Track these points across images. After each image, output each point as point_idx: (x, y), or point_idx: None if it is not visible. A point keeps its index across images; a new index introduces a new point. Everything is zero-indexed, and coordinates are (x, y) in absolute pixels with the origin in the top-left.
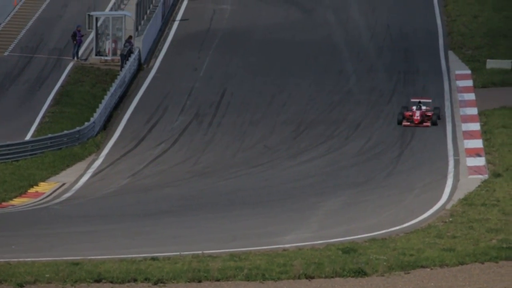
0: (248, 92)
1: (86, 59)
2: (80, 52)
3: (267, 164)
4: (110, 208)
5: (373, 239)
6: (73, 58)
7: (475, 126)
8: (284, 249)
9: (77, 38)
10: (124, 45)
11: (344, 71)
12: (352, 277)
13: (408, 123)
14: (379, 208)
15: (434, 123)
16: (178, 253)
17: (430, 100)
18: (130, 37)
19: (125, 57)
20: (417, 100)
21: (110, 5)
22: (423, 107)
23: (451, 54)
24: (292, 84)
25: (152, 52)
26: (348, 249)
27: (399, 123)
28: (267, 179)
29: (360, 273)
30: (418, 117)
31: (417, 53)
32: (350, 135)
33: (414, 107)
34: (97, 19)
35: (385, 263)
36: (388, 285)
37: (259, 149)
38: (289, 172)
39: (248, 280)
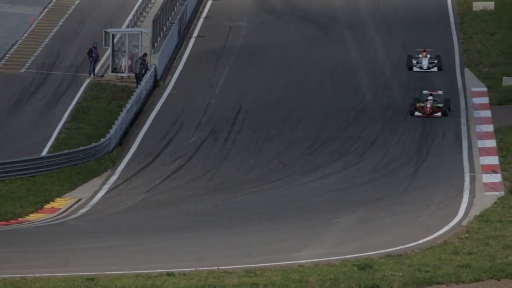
0: (263, 109)
1: (102, 76)
2: (96, 69)
3: (282, 180)
4: (126, 223)
5: (388, 255)
6: (90, 74)
7: (491, 143)
8: (300, 265)
9: (93, 55)
10: (137, 62)
11: (359, 88)
12: None
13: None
14: (395, 224)
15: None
16: (193, 268)
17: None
18: (145, 54)
19: (139, 76)
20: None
21: (127, 22)
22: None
23: (467, 71)
24: (307, 101)
25: (168, 69)
26: (364, 265)
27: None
28: (282, 195)
29: None
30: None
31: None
32: (365, 152)
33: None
34: (113, 36)
35: (400, 279)
36: None
37: (275, 165)
38: (304, 188)
39: None
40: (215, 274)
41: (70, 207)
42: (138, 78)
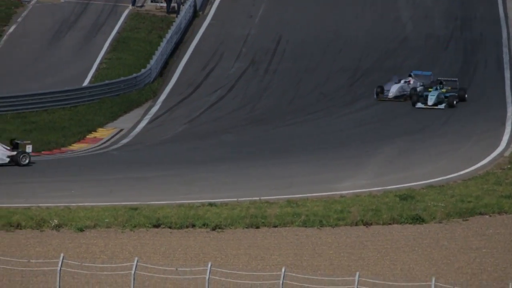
0: (303, 39)
1: (142, 6)
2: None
3: (323, 111)
4: (167, 154)
5: (430, 186)
6: (132, 5)
7: None
8: (341, 196)
9: None
10: None
11: (399, 18)
12: (410, 223)
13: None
14: (436, 155)
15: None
16: (235, 199)
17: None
18: None
19: (169, 3)
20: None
21: None
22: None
23: (509, 1)
24: (347, 31)
25: None
26: (406, 196)
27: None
28: (323, 126)
29: (417, 220)
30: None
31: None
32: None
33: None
34: None
35: (443, 210)
36: (446, 232)
37: (315, 96)
38: (345, 119)
39: (306, 226)
40: (257, 204)
41: (112, 137)
42: (168, 6)
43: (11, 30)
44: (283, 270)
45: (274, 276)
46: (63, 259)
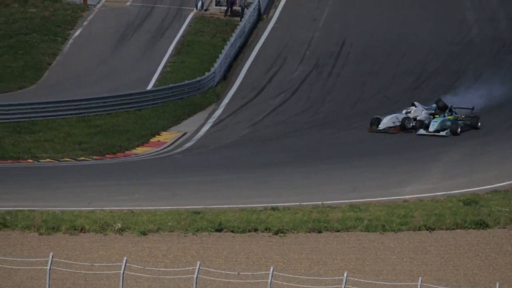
0: (367, 42)
1: (206, 9)
2: (199, 4)
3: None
4: (230, 158)
5: (495, 191)
6: (196, 9)
7: None
8: (405, 200)
9: None
10: None
11: (465, 21)
12: (474, 229)
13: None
14: (501, 159)
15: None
16: (298, 203)
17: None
18: None
19: (230, 5)
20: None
21: None
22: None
23: None
24: (412, 34)
25: (272, 2)
26: (470, 201)
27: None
28: None
29: (481, 225)
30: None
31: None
32: (471, 86)
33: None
34: None
35: (507, 215)
36: (510, 237)
37: (379, 100)
38: None
39: (368, 231)
40: (320, 208)
41: (176, 140)
42: (227, 8)
43: (77, 33)
44: (345, 275)
45: (336, 281)
46: (126, 262)
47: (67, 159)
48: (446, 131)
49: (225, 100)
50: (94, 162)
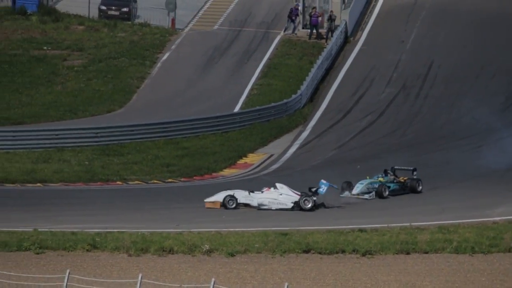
0: (455, 64)
1: (294, 33)
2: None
3: (475, 136)
4: (317, 179)
5: None
6: (292, 32)
7: None
8: (494, 222)
9: (293, 14)
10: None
11: None
12: None
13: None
14: None
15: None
16: (385, 225)
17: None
18: (314, 8)
19: (312, 28)
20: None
21: None
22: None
23: None
24: (500, 56)
25: (359, 25)
26: None
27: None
28: (475, 151)
29: None
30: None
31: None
32: None
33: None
34: None
35: None
36: None
37: (467, 121)
38: (499, 144)
39: (457, 253)
40: (408, 230)
41: (263, 162)
42: (311, 32)
43: (165, 57)
44: None
45: None
46: (214, 283)
47: (155, 181)
48: (371, 194)
49: (312, 122)
50: (181, 184)
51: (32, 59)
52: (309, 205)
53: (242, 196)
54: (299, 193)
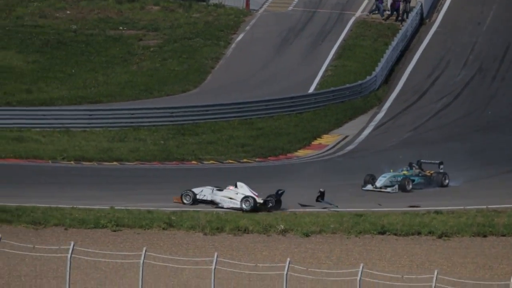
0: None
1: (369, 14)
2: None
3: None
4: (392, 161)
5: None
6: (369, 13)
7: None
8: None
9: None
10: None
11: None
12: None
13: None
14: None
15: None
16: (462, 207)
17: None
18: None
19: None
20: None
21: None
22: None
23: None
24: None
25: (435, 6)
26: None
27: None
28: None
29: None
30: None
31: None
32: None
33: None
34: None
35: None
36: None
37: None
38: None
39: None
40: (484, 213)
41: (337, 143)
42: (392, 13)
43: (239, 38)
44: (511, 280)
45: (502, 286)
46: (289, 263)
47: (230, 161)
48: (394, 187)
49: (387, 104)
50: (256, 164)
51: (108, 39)
52: (249, 207)
53: (208, 193)
54: (257, 194)
